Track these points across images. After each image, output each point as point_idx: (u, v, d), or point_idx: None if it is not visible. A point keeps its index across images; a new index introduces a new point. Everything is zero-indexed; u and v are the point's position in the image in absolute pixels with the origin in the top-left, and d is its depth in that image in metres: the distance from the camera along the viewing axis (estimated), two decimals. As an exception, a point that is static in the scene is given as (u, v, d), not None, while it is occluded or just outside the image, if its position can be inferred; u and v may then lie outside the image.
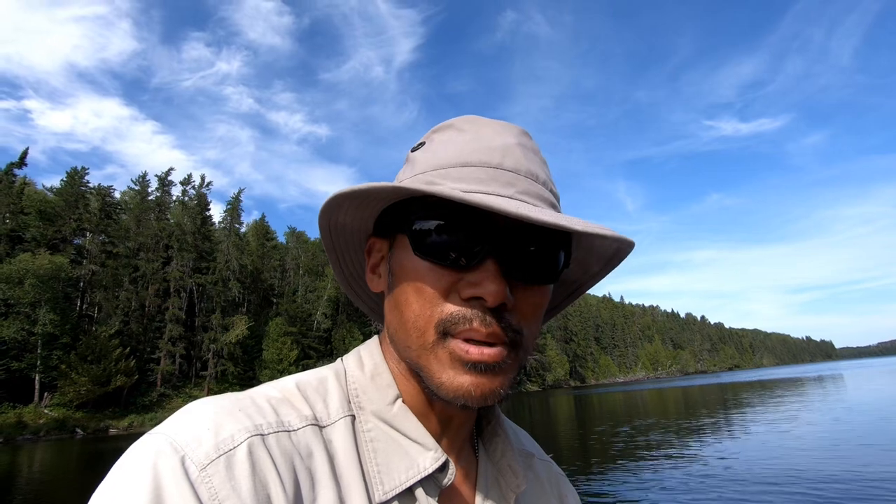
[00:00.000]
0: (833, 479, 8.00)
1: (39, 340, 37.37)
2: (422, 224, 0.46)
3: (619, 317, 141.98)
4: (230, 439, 0.39)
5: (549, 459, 0.69)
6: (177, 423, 0.40)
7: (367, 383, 0.51)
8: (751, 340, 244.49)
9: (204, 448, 0.38)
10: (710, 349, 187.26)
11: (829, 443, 11.33)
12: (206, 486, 0.36)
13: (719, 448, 11.72)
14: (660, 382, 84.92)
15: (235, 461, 0.38)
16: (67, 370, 37.23)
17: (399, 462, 0.47)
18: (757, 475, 8.59)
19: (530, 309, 0.47)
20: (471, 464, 0.56)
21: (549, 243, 0.47)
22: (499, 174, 0.47)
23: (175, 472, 0.36)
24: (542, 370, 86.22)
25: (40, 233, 42.83)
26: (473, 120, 0.53)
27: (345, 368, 0.53)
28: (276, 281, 62.31)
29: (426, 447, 0.48)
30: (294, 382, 0.49)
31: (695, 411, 22.35)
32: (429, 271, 0.46)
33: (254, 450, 0.39)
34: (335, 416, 0.47)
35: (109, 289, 45.32)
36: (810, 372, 72.52)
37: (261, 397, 0.45)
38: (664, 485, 8.53)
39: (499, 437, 0.58)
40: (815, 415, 17.14)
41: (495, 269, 0.44)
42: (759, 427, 14.99)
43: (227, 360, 49.11)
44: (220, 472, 0.37)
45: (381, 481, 0.45)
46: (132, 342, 44.60)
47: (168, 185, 54.70)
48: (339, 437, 0.46)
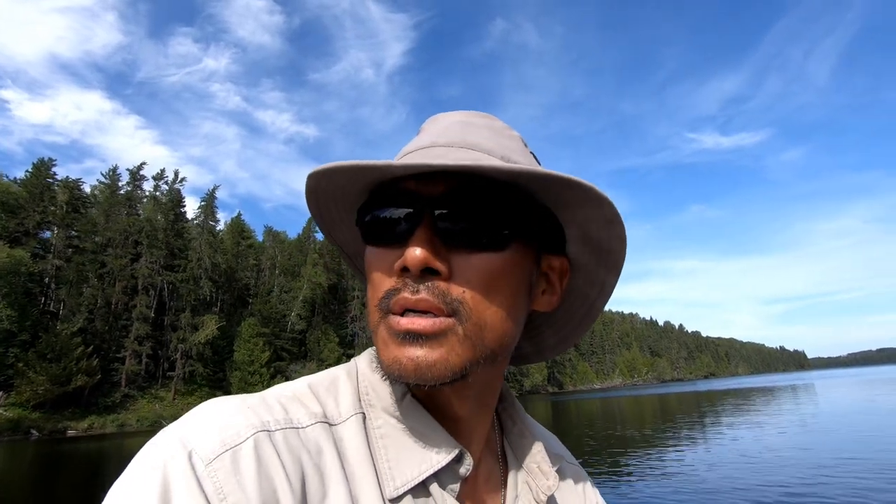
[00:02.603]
0: (803, 485, 8.12)
1: (-5, 337, 35.86)
2: (364, 213, 0.48)
3: (599, 323, 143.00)
4: (236, 435, 0.39)
5: (578, 464, 0.68)
6: (187, 421, 0.40)
7: (377, 381, 0.50)
8: (727, 349, 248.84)
9: (210, 444, 0.38)
10: (687, 357, 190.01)
11: (800, 450, 11.47)
12: (212, 481, 0.36)
13: (694, 456, 11.75)
14: (636, 389, 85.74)
15: (241, 456, 0.38)
16: (24, 368, 35.75)
17: (410, 457, 0.46)
18: (730, 483, 8.65)
19: (475, 277, 0.45)
20: (496, 466, 0.55)
21: (491, 206, 0.45)
22: (430, 151, 0.47)
23: (183, 468, 0.36)
24: (519, 375, 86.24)
25: (2, 225, 41.24)
26: (435, 117, 0.54)
27: (357, 367, 0.53)
28: (251, 280, 61.13)
29: (438, 440, 0.47)
30: (306, 383, 0.49)
31: (671, 419, 22.46)
32: (375, 256, 0.47)
33: (259, 445, 0.39)
34: (346, 414, 0.47)
35: (74, 285, 43.80)
36: (783, 381, 74.19)
37: (271, 396, 0.45)
38: (639, 493, 8.51)
39: (526, 438, 0.57)
40: (786, 423, 17.34)
41: (421, 235, 0.43)
42: (733, 435, 15.08)
43: (197, 360, 47.83)
44: (226, 467, 0.37)
45: (393, 476, 0.45)
46: (96, 340, 43.11)
47: (140, 180, 53.26)
48: (349, 435, 0.45)
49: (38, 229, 44.08)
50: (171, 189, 54.38)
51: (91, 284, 45.20)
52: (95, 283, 45.49)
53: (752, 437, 14.42)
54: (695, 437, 15.36)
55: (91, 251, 46.27)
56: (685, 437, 15.78)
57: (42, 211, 43.82)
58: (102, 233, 47.45)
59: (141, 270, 47.58)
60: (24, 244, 41.49)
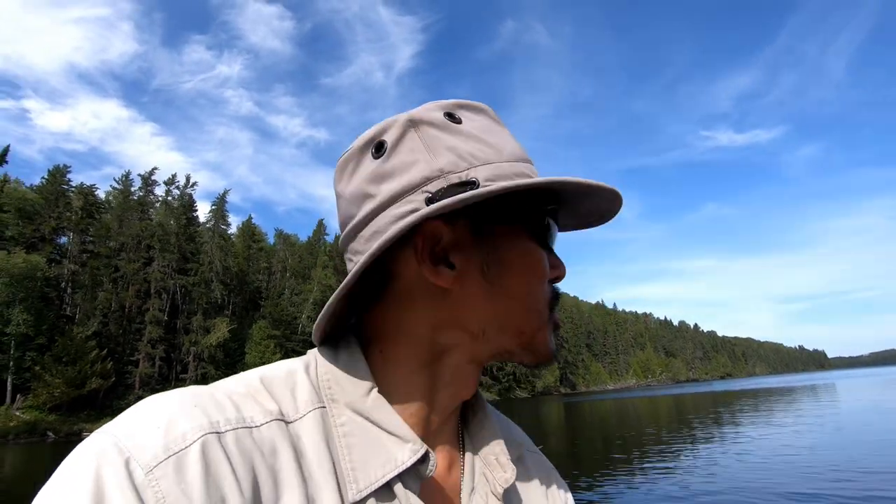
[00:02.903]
0: (826, 490, 7.78)
1: (12, 341, 36.52)
2: (533, 214, 0.49)
3: (612, 324, 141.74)
4: (181, 438, 0.35)
5: (539, 451, 0.67)
6: (125, 421, 0.37)
7: (341, 374, 0.47)
8: (743, 349, 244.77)
9: (151, 449, 0.34)
10: (703, 357, 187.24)
11: (822, 453, 11.05)
12: (153, 491, 0.33)
13: (711, 458, 11.39)
14: (651, 390, 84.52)
15: (186, 462, 0.34)
16: (41, 371, 36.35)
17: (375, 457, 0.44)
18: (747, 487, 8.33)
19: None
20: (455, 456, 0.54)
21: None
22: (527, 166, 0.51)
23: (118, 476, 0.32)
24: (531, 376, 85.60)
25: (19, 231, 42.06)
26: (488, 109, 0.55)
27: (316, 359, 0.49)
28: (263, 283, 61.59)
29: (404, 439, 0.45)
30: (259, 375, 0.45)
31: (687, 420, 21.92)
32: (542, 257, 0.50)
33: (207, 449, 0.36)
34: (304, 409, 0.44)
35: (89, 289, 44.51)
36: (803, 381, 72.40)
37: (221, 392, 0.41)
38: (654, 495, 8.29)
39: (486, 429, 0.56)
40: (806, 424, 16.76)
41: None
42: (751, 437, 14.63)
43: (209, 363, 48.28)
44: (169, 475, 0.33)
45: (356, 478, 0.42)
46: (110, 344, 43.73)
47: (151, 185, 54.01)
48: (308, 433, 0.42)
49: (53, 235, 44.87)
50: (183, 194, 55.05)
51: (105, 288, 45.91)
52: (109, 287, 46.19)
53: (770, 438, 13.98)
54: (712, 439, 14.94)
55: (105, 256, 47.02)
56: (701, 438, 15.38)
57: (57, 217, 44.63)
58: (116, 237, 48.18)
59: (153, 274, 48.20)
60: (40, 250, 42.26)
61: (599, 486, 9.32)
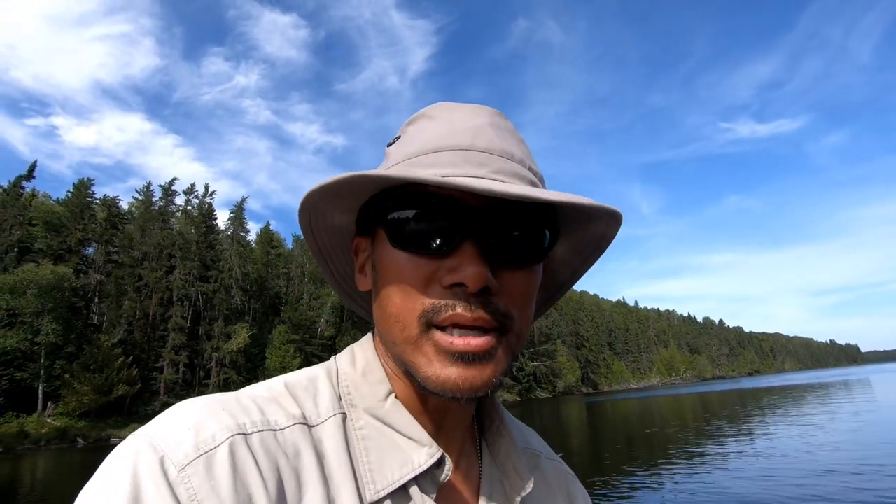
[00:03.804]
0: (864, 491, 7.38)
1: (42, 350, 37.64)
2: (396, 214, 0.45)
3: (633, 321, 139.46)
4: (211, 439, 0.38)
5: (558, 459, 0.67)
6: (159, 424, 0.40)
7: (359, 380, 0.50)
8: (771, 345, 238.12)
9: (184, 448, 0.37)
10: (729, 354, 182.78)
11: (857, 451, 10.57)
12: (185, 487, 0.35)
13: (739, 459, 11.02)
14: (676, 388, 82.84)
15: (216, 461, 0.37)
16: (70, 379, 37.40)
17: (392, 459, 0.45)
18: (778, 491, 7.90)
19: (518, 291, 0.46)
20: (473, 465, 0.55)
21: (530, 222, 0.46)
22: (471, 155, 0.46)
23: (154, 473, 0.35)
24: (552, 376, 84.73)
25: (47, 244, 43.41)
26: (445, 106, 0.53)
27: (337, 366, 0.52)
28: (282, 289, 62.33)
29: (420, 443, 0.46)
30: (283, 382, 0.48)
31: (713, 419, 21.37)
32: (407, 262, 0.45)
33: (235, 449, 0.38)
34: (325, 414, 0.46)
35: (114, 298, 45.64)
36: (835, 377, 70.07)
37: (247, 397, 0.44)
38: (680, 498, 8.01)
39: (503, 437, 0.56)
40: (841, 422, 16.15)
41: (474, 251, 0.43)
42: (783, 436, 14.12)
43: (230, 368, 49.02)
44: (200, 473, 0.36)
45: (373, 480, 0.44)
46: (136, 351, 44.75)
47: (171, 195, 55.17)
48: (328, 436, 0.45)
49: (80, 246, 46.18)
50: (202, 202, 56.08)
51: (129, 297, 47.00)
52: (133, 295, 47.28)
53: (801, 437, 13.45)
54: (739, 438, 14.46)
55: (129, 265, 48.18)
56: (729, 437, 14.92)
57: (83, 228, 45.90)
58: (139, 247, 49.34)
59: (175, 282, 49.17)
60: (66, 261, 43.50)
61: (623, 488, 9.07)
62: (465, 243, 0.43)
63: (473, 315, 0.42)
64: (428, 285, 0.44)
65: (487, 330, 0.43)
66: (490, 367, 0.44)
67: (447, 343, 0.43)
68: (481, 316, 0.43)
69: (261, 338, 52.38)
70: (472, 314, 0.42)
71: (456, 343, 0.42)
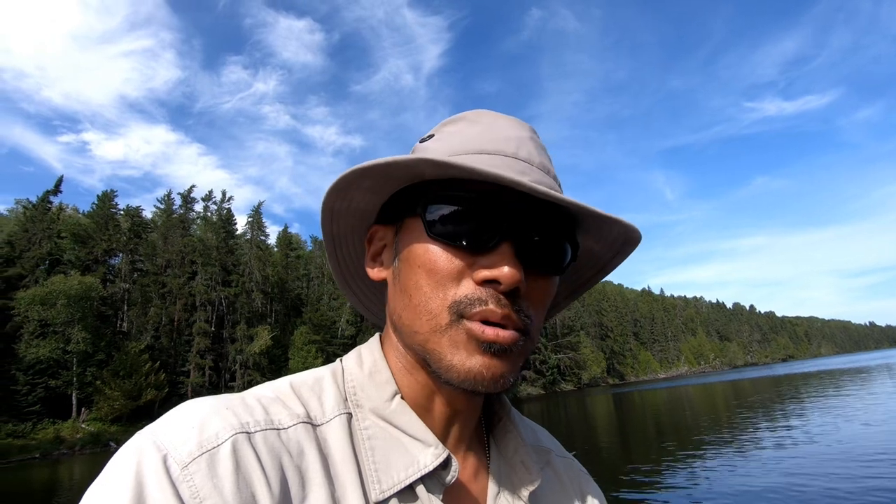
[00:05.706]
0: None
1: (74, 358, 38.98)
2: (438, 205, 0.46)
3: (660, 310, 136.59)
4: (214, 437, 0.38)
5: (571, 457, 0.67)
6: (163, 423, 0.40)
7: (365, 380, 0.50)
8: (806, 329, 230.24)
9: (187, 446, 0.37)
10: (761, 340, 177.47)
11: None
12: (188, 485, 0.36)
13: (779, 449, 10.42)
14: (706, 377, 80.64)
15: (218, 459, 0.37)
16: (101, 386, 38.66)
17: (398, 459, 0.45)
18: (823, 484, 7.35)
19: (538, 298, 0.47)
20: (481, 462, 0.55)
21: (558, 233, 0.47)
22: (513, 162, 0.47)
23: (156, 471, 0.36)
24: (576, 368, 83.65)
25: (75, 255, 44.88)
26: (486, 113, 0.54)
27: (343, 367, 0.52)
28: (303, 290, 63.09)
29: (426, 443, 0.47)
30: (288, 382, 0.49)
31: (745, 407, 20.52)
32: (442, 253, 0.45)
33: (238, 447, 0.38)
34: (330, 414, 0.46)
35: (140, 305, 46.94)
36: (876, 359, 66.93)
37: (252, 397, 0.45)
38: (714, 491, 7.61)
39: (510, 433, 0.57)
40: (884, 406, 15.15)
41: (511, 252, 0.44)
42: (820, 423, 13.39)
43: (254, 370, 49.89)
44: (203, 470, 0.36)
45: (379, 479, 0.44)
46: (163, 356, 45.93)
47: (191, 202, 56.31)
48: (333, 436, 0.45)
49: (106, 256, 47.60)
50: (220, 208, 57.07)
51: (155, 304, 48.27)
52: (158, 302, 48.52)
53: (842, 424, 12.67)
54: (775, 427, 13.70)
55: (153, 273, 49.45)
56: (764, 425, 14.22)
57: (108, 239, 47.26)
58: (162, 255, 50.58)
59: (197, 288, 50.22)
60: (94, 271, 44.93)
61: (653, 481, 8.71)
62: (503, 244, 0.44)
63: (503, 311, 0.43)
64: (461, 278, 0.45)
65: (513, 327, 0.44)
66: (510, 362, 0.44)
67: (479, 332, 0.43)
68: (510, 314, 0.44)
69: (283, 339, 53.15)
70: (503, 310, 0.43)
71: (487, 332, 0.43)
